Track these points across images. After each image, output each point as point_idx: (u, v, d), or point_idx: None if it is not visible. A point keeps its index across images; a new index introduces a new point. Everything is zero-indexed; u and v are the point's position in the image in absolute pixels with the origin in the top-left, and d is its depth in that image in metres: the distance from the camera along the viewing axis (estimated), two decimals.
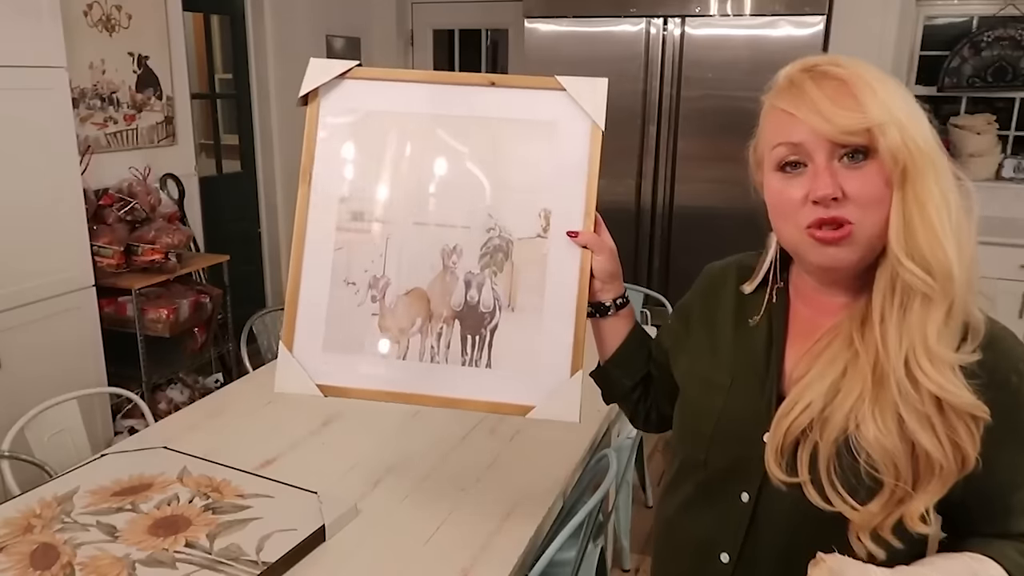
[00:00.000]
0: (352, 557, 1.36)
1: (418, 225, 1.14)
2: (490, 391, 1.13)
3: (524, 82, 1.17)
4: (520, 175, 1.14)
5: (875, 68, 0.86)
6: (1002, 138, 4.09)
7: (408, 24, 5.00)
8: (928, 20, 4.11)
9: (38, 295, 2.70)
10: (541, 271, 1.12)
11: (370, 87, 1.16)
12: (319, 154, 1.16)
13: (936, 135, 0.85)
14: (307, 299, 1.15)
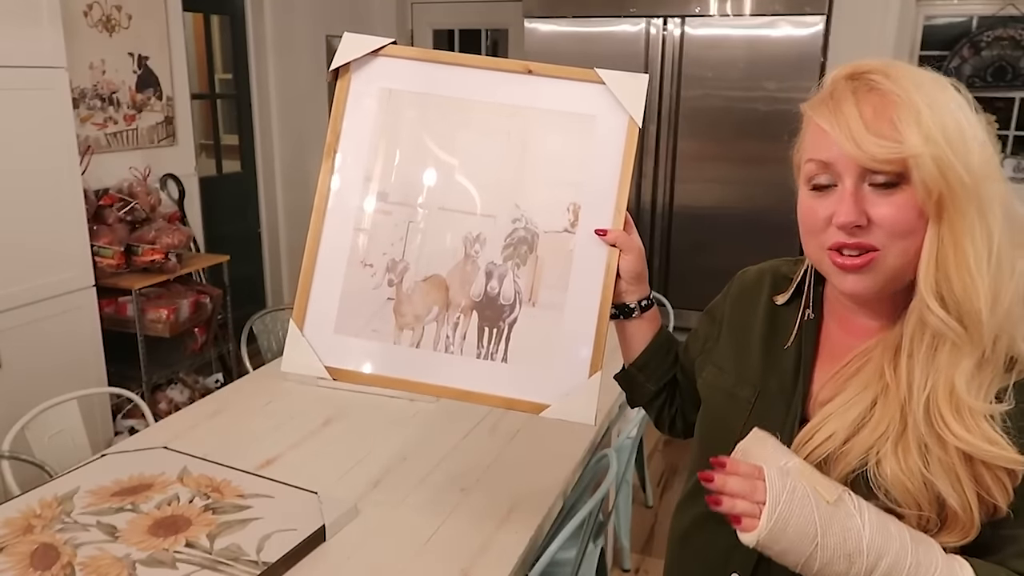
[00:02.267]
0: (352, 557, 1.36)
1: (442, 211, 1.10)
2: (504, 386, 1.09)
3: (562, 72, 1.11)
4: (551, 167, 1.10)
5: (933, 80, 0.80)
6: (1002, 138, 4.09)
7: (408, 24, 5.00)
8: (928, 20, 4.11)
9: (38, 295, 2.70)
10: (566, 267, 1.08)
11: (404, 66, 1.13)
12: (345, 130, 1.13)
13: (994, 161, 0.78)
14: (321, 278, 1.11)
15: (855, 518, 0.76)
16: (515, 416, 1.89)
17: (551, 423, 1.09)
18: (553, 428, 1.84)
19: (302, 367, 1.10)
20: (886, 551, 0.75)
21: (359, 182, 1.13)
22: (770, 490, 0.76)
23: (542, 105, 1.11)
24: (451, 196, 1.11)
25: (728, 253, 3.50)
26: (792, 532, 0.75)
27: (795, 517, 0.75)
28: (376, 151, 1.12)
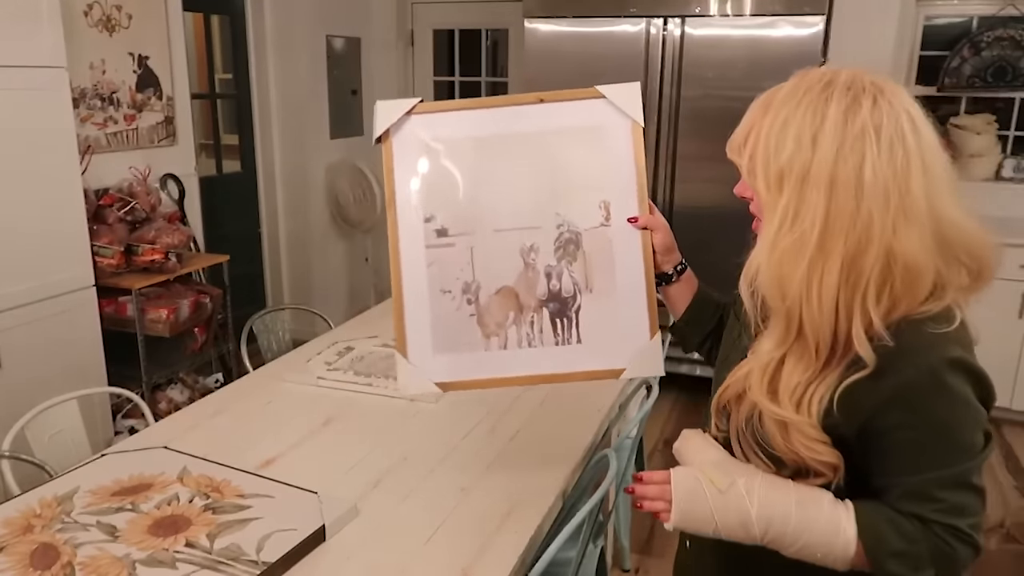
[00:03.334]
0: (352, 557, 1.36)
1: (496, 232, 1.30)
2: (584, 363, 1.29)
3: (568, 95, 1.30)
4: (578, 175, 1.29)
5: (805, 79, 0.94)
6: (1002, 138, 4.09)
7: (408, 24, 5.00)
8: (928, 20, 4.11)
9: (38, 295, 2.70)
10: (610, 255, 1.29)
11: (434, 119, 1.31)
12: (398, 184, 1.30)
13: (827, 156, 0.89)
14: (411, 311, 1.29)
15: (743, 500, 0.96)
16: (515, 416, 1.89)
17: (551, 423, 1.22)
18: (553, 428, 1.84)
19: (415, 388, 1.29)
20: (772, 520, 0.95)
21: (420, 224, 1.30)
22: (675, 491, 0.99)
23: (559, 125, 1.30)
24: (500, 218, 1.30)
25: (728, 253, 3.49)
26: (695, 517, 0.99)
27: (695, 508, 0.99)
28: (428, 195, 1.30)
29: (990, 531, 2.49)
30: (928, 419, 0.90)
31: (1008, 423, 3.75)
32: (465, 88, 5.09)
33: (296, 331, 3.10)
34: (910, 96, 0.93)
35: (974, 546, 0.91)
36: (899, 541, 0.90)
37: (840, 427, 0.93)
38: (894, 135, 0.88)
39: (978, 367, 0.91)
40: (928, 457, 0.90)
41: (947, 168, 0.92)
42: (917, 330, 0.90)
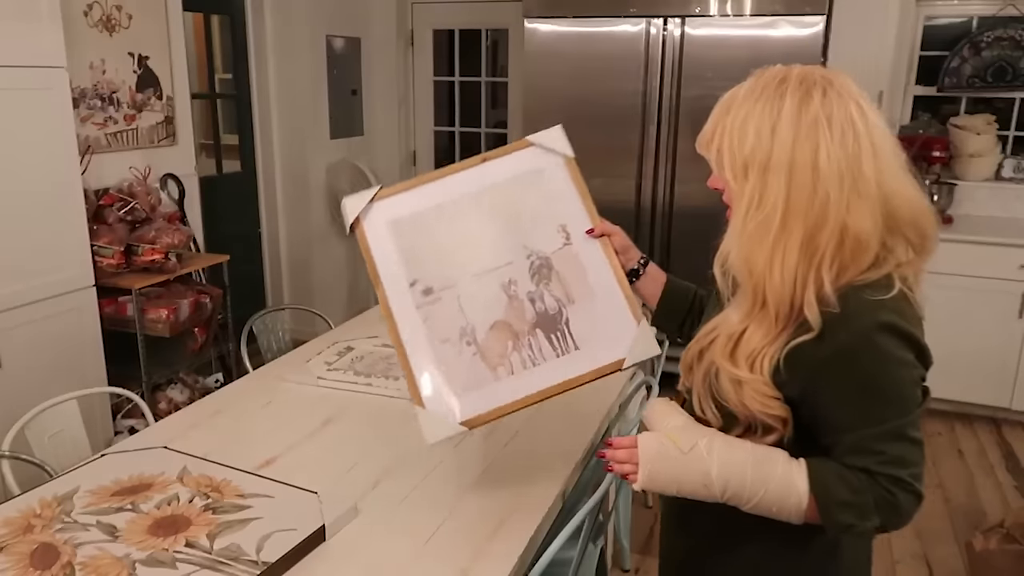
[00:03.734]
0: (352, 557, 1.36)
1: (476, 276, 1.42)
2: (587, 365, 1.38)
3: (505, 150, 1.49)
4: (533, 210, 1.45)
5: (762, 78, 1.03)
6: (1002, 138, 4.09)
7: (408, 24, 5.00)
8: (928, 20, 4.11)
9: (38, 295, 2.70)
10: (580, 267, 1.42)
11: (395, 200, 1.47)
12: (379, 262, 1.44)
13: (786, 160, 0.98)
14: (418, 366, 1.39)
15: (704, 460, 1.05)
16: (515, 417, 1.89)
17: (550, 424, 1.26)
18: (552, 428, 1.84)
19: (442, 435, 1.36)
20: (730, 478, 1.03)
21: (407, 290, 1.42)
22: (642, 455, 1.08)
23: (505, 177, 1.48)
24: (476, 264, 1.43)
25: None
26: (660, 478, 1.08)
27: (660, 469, 1.08)
28: (407, 264, 1.44)
29: (990, 531, 2.49)
30: (862, 378, 0.98)
31: (1008, 423, 3.75)
32: (465, 88, 5.09)
33: (296, 331, 3.10)
34: (858, 87, 1.04)
35: (915, 494, 0.99)
36: (847, 493, 0.98)
37: (786, 386, 1.02)
38: (844, 122, 0.98)
39: (908, 329, 0.98)
40: (866, 414, 0.98)
41: (895, 149, 1.02)
42: (856, 296, 0.98)
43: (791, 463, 1.02)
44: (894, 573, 2.60)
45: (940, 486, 3.17)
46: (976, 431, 3.68)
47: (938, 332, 4.05)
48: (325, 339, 2.44)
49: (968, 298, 3.63)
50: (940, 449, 3.50)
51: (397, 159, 5.18)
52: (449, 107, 5.18)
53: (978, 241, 3.59)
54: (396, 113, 5.11)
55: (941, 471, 3.30)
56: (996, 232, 3.68)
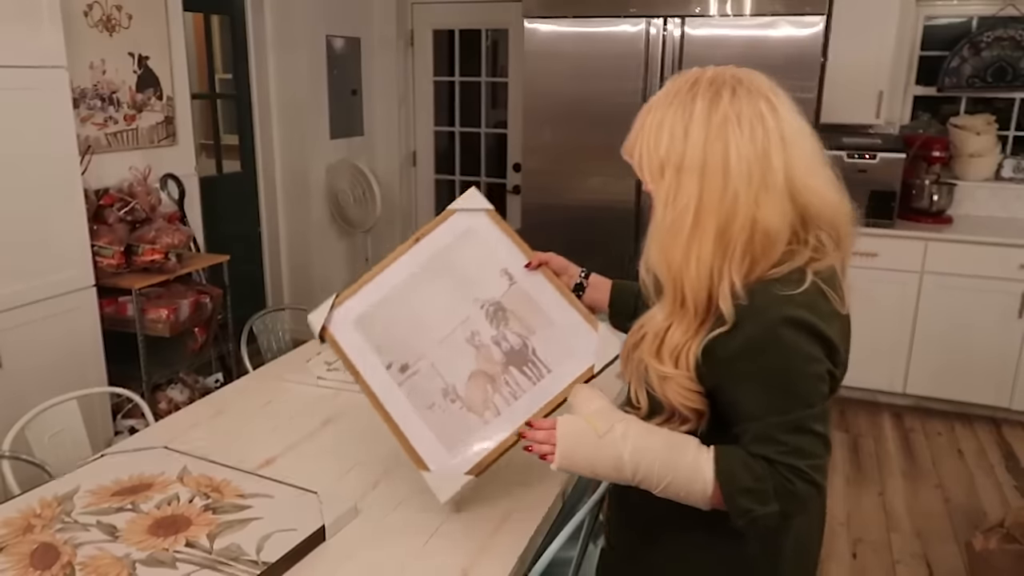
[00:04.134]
0: (352, 557, 1.36)
1: (441, 341, 1.54)
2: (562, 382, 1.46)
3: (433, 224, 1.64)
4: (474, 265, 1.59)
5: (676, 82, 1.07)
6: (1002, 138, 4.09)
7: (408, 24, 5.00)
8: (928, 20, 4.11)
9: (38, 295, 2.70)
10: (530, 300, 1.54)
11: (352, 301, 1.60)
12: (353, 357, 1.56)
13: (697, 145, 1.02)
14: (412, 434, 1.48)
15: (618, 444, 1.10)
16: None
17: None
18: None
19: (452, 490, 1.43)
20: (640, 462, 1.08)
21: (385, 373, 1.54)
22: (559, 437, 1.14)
23: (440, 247, 1.62)
24: (438, 330, 1.55)
25: None
26: (576, 459, 1.13)
27: (575, 451, 1.13)
28: (379, 351, 1.55)
29: (990, 531, 2.49)
30: (767, 370, 1.02)
31: (1008, 423, 3.75)
32: (465, 88, 5.09)
33: (296, 331, 3.10)
34: (770, 82, 1.06)
35: (813, 483, 1.02)
36: (749, 479, 1.02)
37: (704, 377, 1.07)
38: (754, 118, 1.01)
39: (815, 324, 1.02)
40: (770, 404, 1.02)
41: (809, 142, 1.05)
42: (765, 290, 1.02)
43: (700, 451, 1.06)
44: (894, 573, 2.61)
45: (940, 486, 3.18)
46: (976, 431, 3.68)
47: (938, 332, 4.08)
48: None
49: (968, 298, 3.63)
50: (940, 449, 3.50)
51: (397, 159, 5.18)
52: (449, 107, 5.19)
53: (978, 241, 3.59)
54: (396, 113, 5.11)
55: (941, 471, 3.30)
56: (996, 232, 3.68)
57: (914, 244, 3.67)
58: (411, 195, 5.35)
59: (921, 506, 3.02)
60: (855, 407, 3.92)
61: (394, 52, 4.98)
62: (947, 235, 3.64)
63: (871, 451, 3.47)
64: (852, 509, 2.98)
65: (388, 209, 5.01)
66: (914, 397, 3.89)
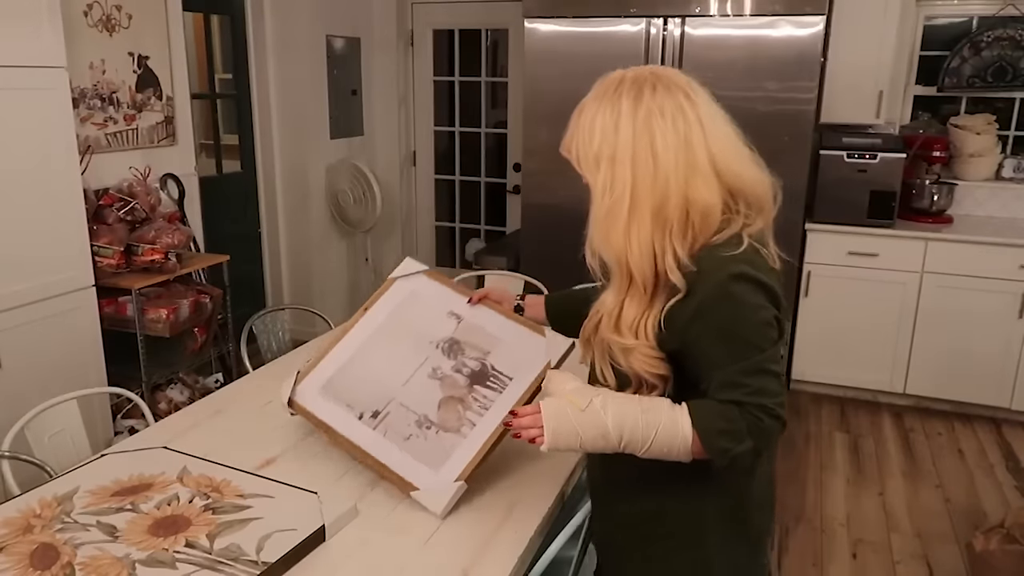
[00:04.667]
0: (352, 557, 1.36)
1: (406, 384, 1.68)
2: (525, 383, 1.60)
3: (379, 294, 1.85)
4: (423, 318, 1.78)
5: (603, 84, 1.20)
6: (1002, 138, 4.09)
7: (408, 24, 5.00)
8: (928, 20, 4.11)
9: (38, 295, 2.70)
10: (479, 329, 1.72)
11: (314, 374, 1.73)
12: (325, 418, 1.67)
13: (628, 152, 1.14)
14: (397, 466, 1.56)
15: (600, 414, 1.18)
16: None
17: None
18: None
19: (446, 502, 1.49)
20: (623, 427, 1.16)
21: (358, 423, 1.64)
22: (544, 418, 1.20)
23: (389, 311, 1.81)
24: (401, 376, 1.69)
25: None
26: (563, 436, 1.19)
27: (562, 428, 1.19)
28: (349, 407, 1.67)
29: (990, 531, 2.49)
30: (723, 323, 1.13)
31: (1008, 423, 3.75)
32: (465, 88, 5.09)
33: (296, 331, 3.10)
34: (687, 78, 1.20)
35: (779, 419, 1.13)
36: (723, 422, 1.12)
37: (668, 342, 1.18)
38: (674, 110, 1.14)
39: (759, 277, 1.14)
40: (730, 353, 1.13)
41: (726, 128, 1.19)
42: (711, 255, 1.15)
43: (674, 408, 1.16)
44: (894, 573, 2.61)
45: (940, 486, 3.18)
46: (976, 431, 3.68)
47: (938, 332, 4.08)
48: (325, 339, 2.44)
49: (968, 298, 3.63)
50: (940, 449, 3.50)
51: (397, 159, 5.18)
52: (449, 107, 5.19)
53: (978, 241, 3.59)
54: (396, 113, 5.11)
55: (941, 471, 3.30)
56: (996, 232, 3.68)
57: (914, 244, 3.67)
58: (411, 195, 5.35)
59: (921, 506, 3.02)
60: (855, 407, 3.92)
61: (394, 52, 4.98)
62: (947, 235, 3.64)
63: (871, 451, 3.47)
64: (852, 509, 2.98)
65: (388, 209, 5.01)
66: (914, 397, 3.89)
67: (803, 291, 3.83)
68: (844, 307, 3.80)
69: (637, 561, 1.34)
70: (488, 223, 5.28)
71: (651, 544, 1.32)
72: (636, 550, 1.34)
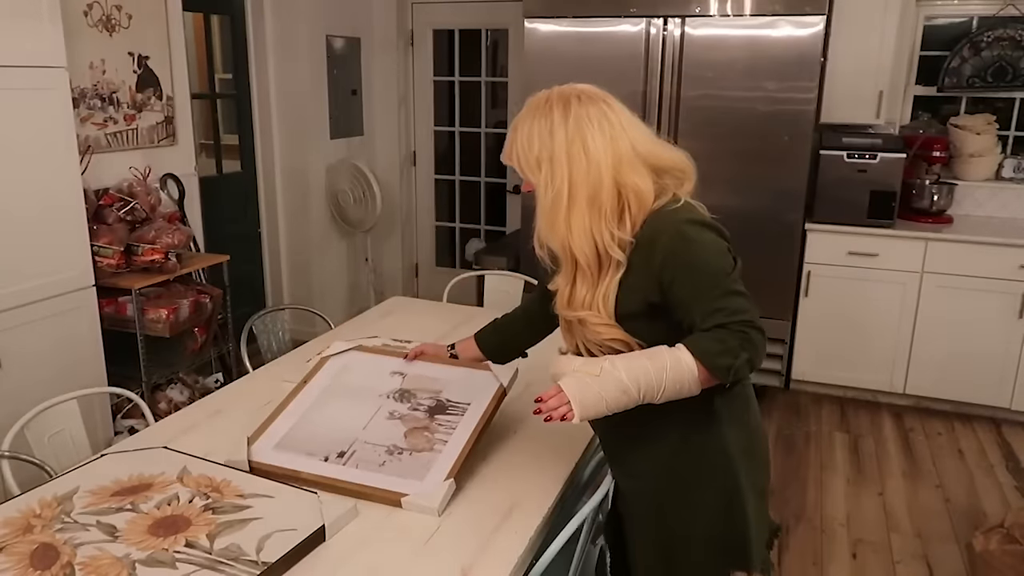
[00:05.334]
0: (352, 557, 1.36)
1: (365, 428, 1.72)
2: (483, 406, 1.73)
3: (313, 371, 1.93)
4: (365, 380, 1.88)
5: (533, 101, 1.40)
6: (1002, 138, 4.09)
7: (408, 24, 5.00)
8: (928, 20, 4.11)
9: (38, 295, 2.70)
10: (424, 376, 1.87)
11: (265, 436, 1.72)
12: (287, 465, 1.63)
13: (561, 141, 1.34)
14: (379, 483, 1.56)
15: (613, 374, 1.30)
16: (514, 416, 1.90)
17: (549, 424, 1.28)
18: (552, 428, 1.84)
19: (437, 498, 1.51)
20: (639, 378, 1.29)
21: (325, 464, 1.63)
22: (568, 393, 1.31)
23: (327, 382, 1.89)
24: (358, 422, 1.74)
25: None
26: (590, 403, 1.30)
27: (587, 396, 1.30)
28: (310, 454, 1.66)
29: (990, 531, 2.49)
30: (687, 263, 1.31)
31: (1008, 423, 3.75)
32: (465, 88, 5.09)
33: (296, 331, 3.10)
34: (603, 92, 1.40)
35: (759, 330, 1.28)
36: (717, 344, 1.27)
37: (652, 297, 1.34)
38: (599, 116, 1.35)
39: (703, 218, 1.36)
40: (701, 286, 1.30)
41: (641, 126, 1.40)
42: (658, 216, 1.35)
43: (673, 350, 1.30)
44: (894, 573, 2.61)
45: (940, 486, 3.18)
46: (976, 431, 3.68)
47: (938, 332, 4.08)
48: (324, 339, 2.44)
49: (968, 298, 3.63)
50: (940, 449, 3.50)
51: (397, 159, 5.18)
52: (449, 107, 5.19)
53: (978, 241, 3.59)
54: (396, 113, 5.11)
55: (941, 471, 3.30)
56: (996, 232, 3.68)
57: (914, 244, 3.67)
58: (411, 195, 5.35)
59: (921, 506, 3.02)
60: (855, 407, 3.92)
61: (394, 52, 4.98)
62: (947, 235, 3.64)
63: (871, 451, 3.47)
64: (852, 509, 2.98)
65: (388, 209, 5.01)
66: (914, 397, 3.89)
67: (803, 291, 3.83)
68: (844, 307, 3.80)
69: (669, 507, 1.47)
70: (488, 223, 5.28)
71: (677, 483, 1.45)
72: (664, 494, 1.47)
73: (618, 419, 1.36)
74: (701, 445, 1.43)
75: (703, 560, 1.47)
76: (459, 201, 5.33)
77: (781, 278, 3.72)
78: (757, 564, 1.48)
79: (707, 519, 1.45)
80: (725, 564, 1.48)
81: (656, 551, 1.51)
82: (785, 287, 3.74)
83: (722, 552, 1.47)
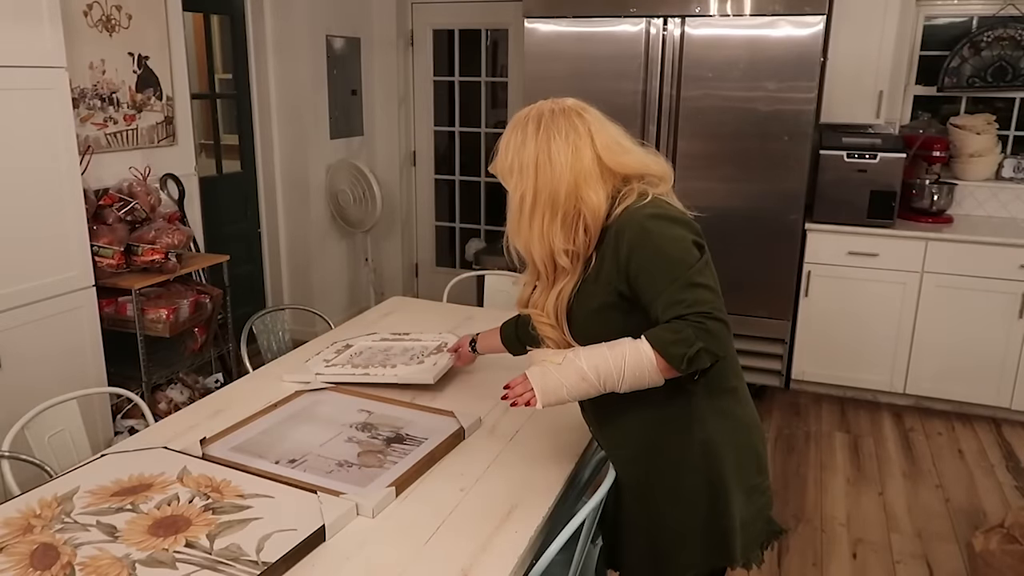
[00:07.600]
0: (352, 557, 1.36)
1: (322, 445, 1.75)
2: (441, 439, 1.78)
3: (286, 399, 1.99)
4: (333, 412, 1.93)
5: (518, 116, 1.49)
6: (1002, 138, 4.09)
7: (408, 24, 5.00)
8: (928, 20, 4.11)
9: (38, 295, 2.71)
10: (391, 416, 1.90)
11: (224, 439, 1.74)
12: (236, 459, 1.64)
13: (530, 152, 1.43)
14: (322, 483, 1.56)
15: (574, 363, 1.40)
16: (514, 416, 1.90)
17: (549, 425, 1.27)
18: (552, 428, 1.84)
19: (375, 499, 1.50)
20: (598, 367, 1.38)
21: (276, 466, 1.63)
22: (532, 380, 1.44)
23: (295, 411, 1.91)
24: (317, 440, 1.77)
25: (727, 252, 3.50)
26: (551, 390, 1.42)
27: (548, 383, 1.42)
28: (262, 456, 1.67)
29: (990, 531, 2.49)
30: (649, 256, 1.37)
31: (1008, 423, 3.75)
32: (465, 88, 5.09)
33: (296, 331, 3.10)
34: (581, 103, 1.48)
35: (719, 320, 1.33)
36: (672, 335, 1.33)
37: (621, 287, 1.40)
38: (567, 128, 1.43)
39: (670, 212, 1.42)
40: (662, 278, 1.35)
41: (614, 131, 1.47)
42: (624, 213, 1.41)
43: (634, 340, 1.37)
44: (894, 573, 2.61)
45: (940, 486, 3.18)
46: (976, 431, 3.68)
47: (938, 332, 4.07)
48: (324, 339, 2.44)
49: (968, 298, 3.63)
50: (940, 449, 3.50)
51: (397, 159, 5.18)
52: (449, 107, 5.19)
53: (978, 241, 3.59)
54: (396, 113, 5.11)
55: (941, 471, 3.30)
56: (996, 232, 3.68)
57: (914, 244, 3.67)
58: (411, 195, 5.35)
59: (921, 506, 3.02)
60: (855, 407, 3.92)
61: (394, 52, 4.98)
62: (947, 235, 3.64)
63: (871, 451, 3.47)
64: (852, 509, 2.98)
65: (388, 209, 5.01)
66: (914, 397, 3.89)
67: (803, 291, 3.83)
68: (844, 307, 3.80)
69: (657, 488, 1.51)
70: (488, 223, 5.28)
71: (659, 461, 1.49)
72: (648, 472, 1.51)
73: (599, 399, 1.45)
74: (679, 428, 1.46)
75: (685, 549, 1.50)
76: (459, 201, 5.33)
77: (781, 278, 3.72)
78: (740, 560, 1.51)
79: (689, 507, 1.48)
80: (706, 556, 1.50)
81: (643, 537, 1.55)
82: (785, 287, 3.74)
83: (704, 543, 1.49)
